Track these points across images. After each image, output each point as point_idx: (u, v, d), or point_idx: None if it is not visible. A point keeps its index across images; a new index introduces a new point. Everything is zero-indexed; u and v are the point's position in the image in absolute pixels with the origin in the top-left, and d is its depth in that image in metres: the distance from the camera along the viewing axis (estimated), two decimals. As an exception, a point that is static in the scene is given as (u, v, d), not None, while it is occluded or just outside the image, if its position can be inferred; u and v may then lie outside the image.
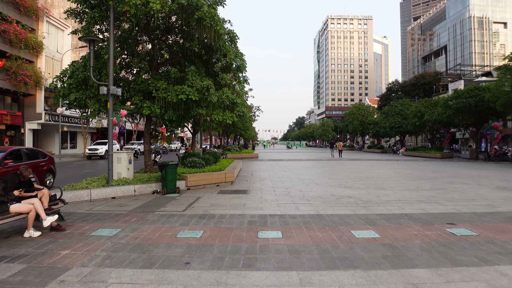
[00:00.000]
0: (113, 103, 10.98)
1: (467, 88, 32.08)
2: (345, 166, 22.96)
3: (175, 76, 12.34)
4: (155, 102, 11.82)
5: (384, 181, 14.64)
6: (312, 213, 8.05)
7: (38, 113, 34.31)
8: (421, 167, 22.17)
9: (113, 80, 10.87)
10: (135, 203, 9.27)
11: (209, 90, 11.37)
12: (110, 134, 11.09)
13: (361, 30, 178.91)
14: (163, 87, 11.62)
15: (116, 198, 10.18)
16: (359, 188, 12.30)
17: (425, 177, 16.11)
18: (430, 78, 78.11)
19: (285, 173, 17.88)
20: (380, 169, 20.92)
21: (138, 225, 6.86)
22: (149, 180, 11.43)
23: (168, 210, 8.37)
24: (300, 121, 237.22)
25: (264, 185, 13.09)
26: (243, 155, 33.66)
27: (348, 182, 14.05)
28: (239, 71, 13.96)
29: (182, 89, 11.19)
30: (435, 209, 8.62)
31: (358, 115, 64.90)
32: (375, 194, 11.05)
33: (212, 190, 11.68)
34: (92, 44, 10.92)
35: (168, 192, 10.84)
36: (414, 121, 40.71)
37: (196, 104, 12.05)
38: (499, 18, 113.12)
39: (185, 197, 10.33)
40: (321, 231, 6.39)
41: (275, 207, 8.71)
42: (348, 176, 16.63)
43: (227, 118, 11.97)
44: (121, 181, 10.81)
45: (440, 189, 12.32)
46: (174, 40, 14.20)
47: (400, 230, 6.53)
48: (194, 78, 11.57)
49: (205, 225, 6.85)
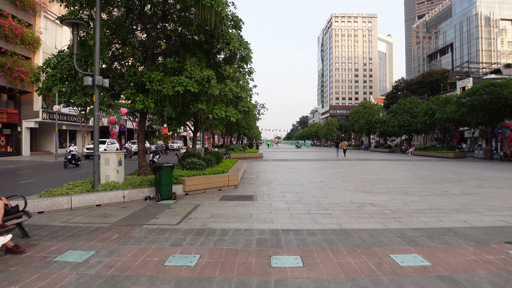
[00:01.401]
0: (99, 95, 9.56)
1: (482, 84, 30.47)
2: (356, 167, 21.46)
3: (172, 66, 10.91)
4: (149, 95, 10.43)
5: (404, 184, 13.16)
6: (335, 227, 6.60)
7: (35, 111, 33.10)
8: (438, 168, 20.65)
9: (99, 70, 9.45)
10: (122, 213, 7.86)
11: (210, 82, 9.95)
12: (96, 131, 9.66)
13: (366, 28, 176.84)
14: (158, 79, 10.22)
15: (101, 205, 8.77)
16: (380, 193, 10.83)
17: (448, 180, 14.61)
18: (437, 75, 76.28)
19: (294, 175, 16.43)
20: (395, 170, 19.41)
21: (119, 245, 5.44)
22: (142, 184, 10.02)
23: (160, 222, 6.94)
24: (304, 120, 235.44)
25: (272, 190, 11.65)
26: (247, 155, 32.22)
27: (366, 186, 12.58)
28: (243, 62, 12.51)
29: (179, 80, 9.78)
30: (479, 221, 7.16)
31: (365, 113, 63.24)
32: (400, 200, 9.58)
33: (214, 196, 10.25)
34: (76, 28, 9.52)
35: (162, 199, 9.42)
36: (424, 119, 39.09)
37: (195, 97, 10.63)
38: (506, 15, 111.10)
39: (182, 204, 8.91)
40: (353, 256, 4.95)
41: (287, 219, 7.26)
42: (363, 178, 15.15)
43: (230, 115, 10.51)
44: (109, 185, 9.40)
45: (471, 194, 10.83)
46: (172, 29, 12.82)
47: (452, 254, 5.08)
48: (193, 68, 10.14)
49: (202, 245, 5.42)
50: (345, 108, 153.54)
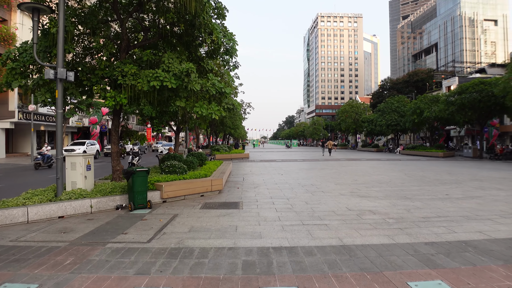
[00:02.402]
0: (62, 91, 8.38)
1: (472, 82, 30.11)
2: (347, 168, 20.62)
3: (148, 59, 9.80)
4: (122, 91, 9.30)
5: (401, 187, 12.31)
6: (335, 242, 5.62)
7: (10, 111, 31.30)
8: (431, 168, 19.95)
9: (64, 62, 8.28)
10: (86, 227, 6.73)
11: (189, 76, 8.86)
12: (59, 131, 8.46)
13: (351, 28, 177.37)
14: (131, 73, 9.09)
15: (64, 217, 7.62)
16: (378, 198, 9.92)
17: (445, 181, 13.85)
18: (423, 75, 76.64)
19: (282, 177, 15.44)
20: (388, 171, 18.62)
21: (70, 273, 4.34)
22: (113, 191, 8.88)
23: (128, 239, 5.85)
24: (290, 120, 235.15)
25: (260, 195, 10.63)
26: (233, 156, 31.13)
27: (361, 189, 11.67)
28: (228, 55, 11.47)
29: (155, 74, 8.68)
30: (496, 232, 6.28)
31: (351, 112, 62.73)
32: (402, 206, 8.68)
33: (195, 203, 9.17)
34: (37, 14, 8.33)
35: (136, 208, 8.31)
36: (412, 118, 38.65)
37: (174, 94, 9.52)
38: (489, 15, 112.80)
39: (158, 215, 7.81)
40: (363, 285, 3.95)
41: (279, 232, 6.25)
42: (356, 180, 14.26)
43: (212, 112, 9.42)
44: (75, 193, 8.23)
45: (475, 197, 10.03)
46: (151, 20, 11.70)
47: (481, 278, 4.15)
48: (171, 61, 9.05)
49: (175, 272, 4.35)
50: (331, 107, 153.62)
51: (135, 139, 17.09)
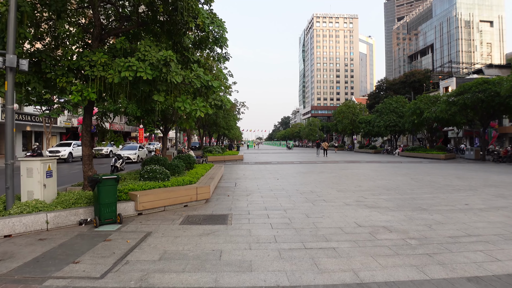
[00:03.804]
0: (13, 82, 6.94)
1: (475, 81, 28.92)
2: (347, 171, 19.27)
3: (122, 47, 8.38)
4: (91, 84, 7.89)
5: (411, 194, 10.98)
6: (349, 279, 4.24)
7: (-10, 111, 29.72)
8: (436, 172, 18.66)
9: (14, 46, 6.84)
10: (31, 251, 5.32)
11: (168, 65, 7.47)
12: (9, 130, 6.96)
13: (347, 29, 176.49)
14: (101, 62, 7.69)
15: (12, 236, 6.19)
16: (389, 209, 8.57)
17: (457, 187, 12.54)
18: (420, 76, 75.78)
19: (278, 182, 14.07)
20: (391, 175, 17.28)
21: None
22: (78, 202, 7.45)
23: (76, 272, 4.44)
24: (285, 121, 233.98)
25: (253, 205, 9.24)
26: (226, 158, 29.69)
27: (367, 197, 10.32)
28: (217, 44, 10.09)
29: (127, 63, 7.28)
30: (550, 259, 4.96)
31: (348, 113, 61.49)
32: (420, 221, 7.33)
33: (175, 216, 7.76)
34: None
35: (102, 223, 6.89)
36: (412, 119, 37.38)
37: (152, 87, 8.10)
38: (485, 16, 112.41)
39: (127, 233, 6.40)
40: None
41: (275, 262, 4.86)
42: (360, 186, 12.92)
43: (197, 109, 8.02)
44: (28, 206, 6.78)
45: (500, 208, 8.71)
46: (132, 5, 10.32)
47: None
48: (148, 49, 7.66)
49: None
50: (327, 108, 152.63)
51: (110, 140, 15.28)
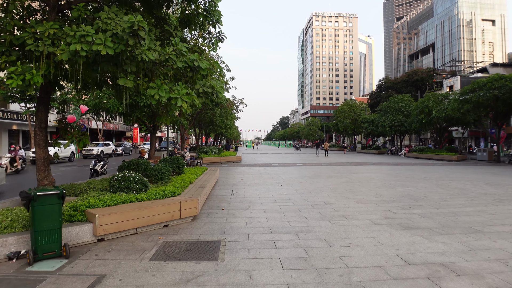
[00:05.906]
0: None
1: (491, 78, 26.94)
2: (358, 175, 17.15)
3: (81, 16, 6.25)
4: (35, 64, 5.78)
5: (449, 208, 8.87)
6: None
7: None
8: (458, 176, 16.57)
9: None
10: None
11: (137, 36, 5.36)
12: None
13: (346, 28, 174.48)
14: (48, 34, 5.58)
15: None
16: (435, 231, 6.45)
17: (498, 197, 10.46)
18: (422, 74, 73.88)
19: (282, 190, 11.96)
20: (410, 180, 15.13)
21: None
22: (11, 225, 5.34)
23: None
24: (284, 121, 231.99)
25: (253, 224, 7.12)
26: (222, 159, 27.56)
27: (396, 212, 8.22)
28: (208, 20, 7.99)
29: (79, 32, 5.18)
30: None
31: (350, 112, 59.32)
32: (487, 253, 5.22)
33: (147, 245, 5.64)
34: None
35: (40, 258, 4.78)
36: (420, 118, 35.36)
37: (115, 67, 5.96)
38: (487, 15, 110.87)
39: (70, 276, 4.28)
40: None
41: None
42: (380, 195, 10.81)
43: (178, 97, 5.87)
44: None
45: None
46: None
47: None
48: (112, 16, 5.54)
49: None
50: (326, 108, 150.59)
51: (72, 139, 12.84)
